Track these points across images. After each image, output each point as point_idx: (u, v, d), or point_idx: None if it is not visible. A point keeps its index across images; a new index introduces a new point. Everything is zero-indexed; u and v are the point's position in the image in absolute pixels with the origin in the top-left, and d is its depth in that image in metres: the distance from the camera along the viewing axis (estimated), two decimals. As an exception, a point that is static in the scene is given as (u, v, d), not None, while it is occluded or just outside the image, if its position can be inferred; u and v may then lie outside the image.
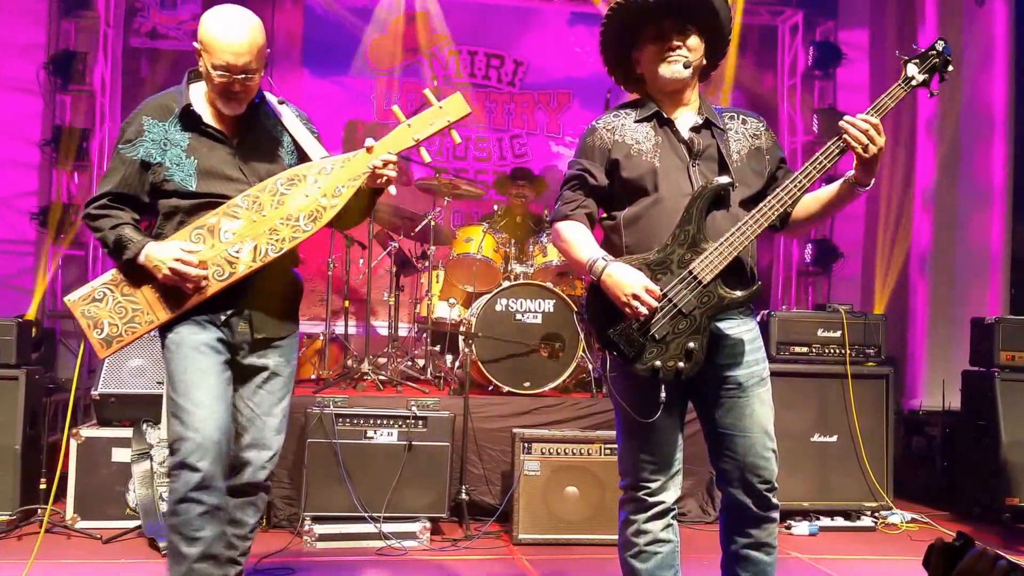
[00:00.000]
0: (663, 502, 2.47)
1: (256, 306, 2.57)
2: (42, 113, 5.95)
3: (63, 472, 4.10)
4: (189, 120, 2.53)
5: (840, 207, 2.50)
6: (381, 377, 4.90)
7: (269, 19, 6.76)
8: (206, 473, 2.41)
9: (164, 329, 2.53)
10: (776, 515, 2.50)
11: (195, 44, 2.50)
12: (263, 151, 2.61)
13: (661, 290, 2.29)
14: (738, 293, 2.32)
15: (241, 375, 2.60)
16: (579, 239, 2.44)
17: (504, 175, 6.39)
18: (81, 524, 4.02)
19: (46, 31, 6.04)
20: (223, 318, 2.53)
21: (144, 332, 2.49)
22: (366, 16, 6.98)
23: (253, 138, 2.61)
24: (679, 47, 2.41)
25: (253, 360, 2.60)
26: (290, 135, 2.66)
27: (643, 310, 2.26)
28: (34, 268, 5.90)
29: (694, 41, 2.43)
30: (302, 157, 2.65)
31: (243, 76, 2.45)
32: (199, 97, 2.56)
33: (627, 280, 2.28)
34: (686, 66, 2.40)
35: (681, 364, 2.29)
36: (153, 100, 2.61)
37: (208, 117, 2.55)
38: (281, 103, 2.70)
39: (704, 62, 2.51)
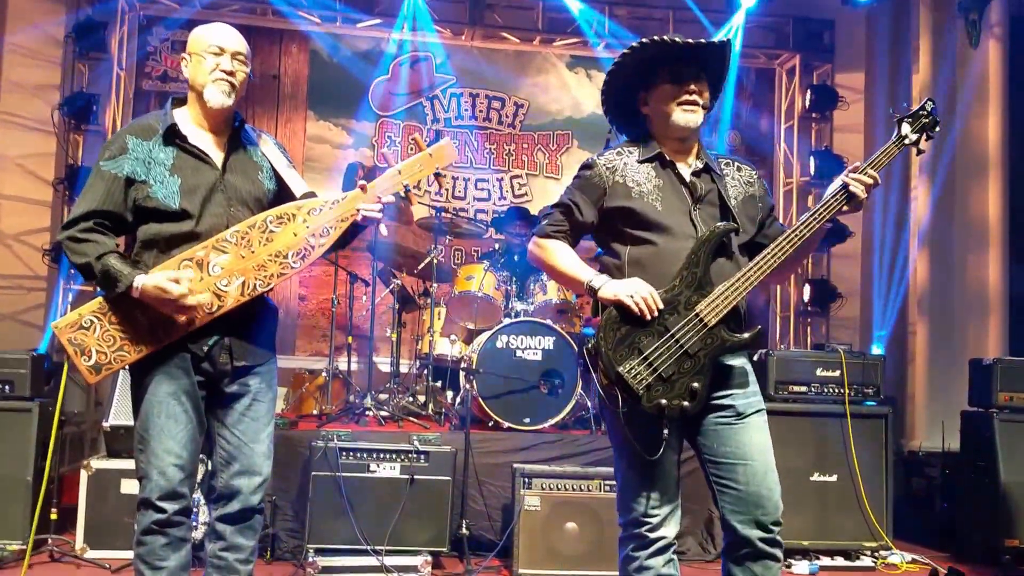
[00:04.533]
0: (664, 537, 2.52)
1: (235, 335, 2.66)
2: (56, 152, 6.20)
3: (72, 504, 4.30)
4: (173, 139, 2.63)
5: (812, 247, 2.65)
6: (383, 413, 5.09)
7: (276, 63, 7.11)
8: (171, 514, 2.56)
9: (140, 370, 2.60)
10: (780, 554, 2.52)
11: (182, 58, 2.70)
12: (245, 174, 2.72)
13: (668, 330, 2.41)
14: (742, 336, 2.45)
15: (224, 403, 2.69)
16: (570, 258, 2.61)
17: (503, 215, 6.65)
18: (90, 554, 4.19)
19: (61, 73, 6.32)
20: (205, 349, 2.61)
21: (132, 360, 2.55)
22: (371, 60, 7.30)
23: (235, 161, 2.71)
24: (695, 92, 2.54)
25: (235, 388, 2.69)
26: (269, 162, 2.78)
27: (648, 302, 2.38)
28: (46, 304, 6.11)
29: (705, 87, 2.57)
30: (280, 183, 2.78)
31: (233, 57, 2.65)
32: (183, 120, 2.68)
33: (628, 281, 2.43)
34: (701, 109, 2.56)
35: (686, 403, 2.39)
36: (136, 122, 2.71)
37: (192, 138, 2.66)
38: (259, 132, 2.86)
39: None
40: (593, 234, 2.71)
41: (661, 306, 2.41)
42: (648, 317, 2.40)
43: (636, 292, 2.41)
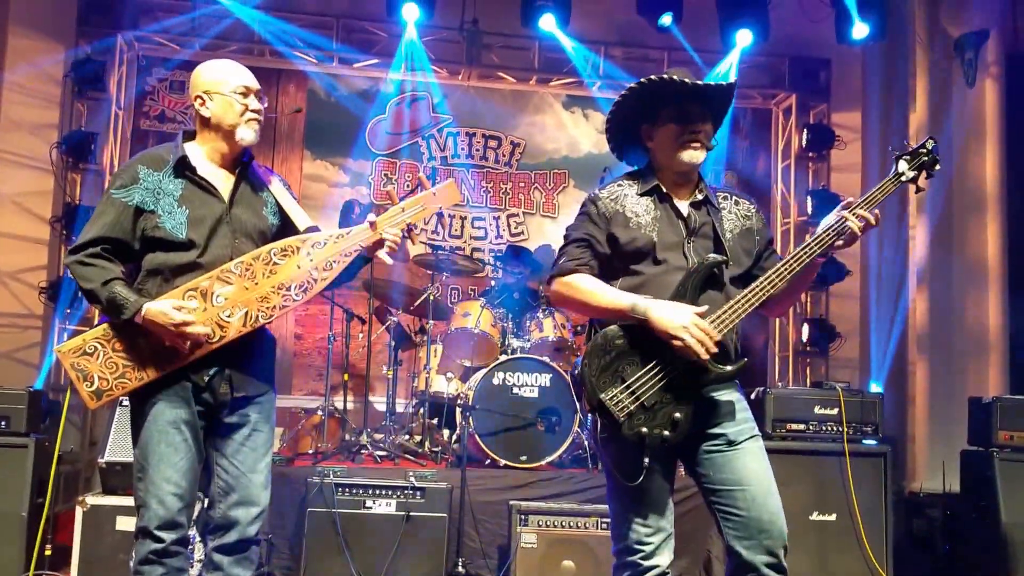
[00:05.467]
0: (658, 566, 2.59)
1: (235, 365, 2.76)
2: (53, 190, 6.34)
3: (64, 543, 4.39)
4: (183, 171, 2.77)
5: (807, 281, 2.72)
6: (379, 452, 5.19)
7: (273, 101, 7.31)
8: (168, 543, 2.66)
9: (141, 399, 2.70)
10: None
11: (197, 96, 2.82)
12: (251, 208, 2.85)
13: (653, 359, 2.48)
14: (727, 368, 2.52)
15: (223, 434, 2.78)
16: (605, 287, 2.61)
17: (500, 254, 6.82)
18: (85, 591, 4.28)
19: (59, 111, 6.49)
20: (206, 379, 2.72)
21: (134, 388, 2.64)
22: (368, 99, 7.50)
23: (242, 195, 2.84)
24: (700, 132, 2.63)
25: (234, 419, 2.78)
26: (275, 198, 2.91)
27: (697, 346, 2.43)
28: (41, 342, 6.21)
29: (710, 127, 2.67)
30: (284, 218, 2.91)
31: (257, 96, 2.82)
32: (193, 153, 2.81)
33: (678, 314, 2.46)
34: (705, 148, 2.64)
35: (667, 432, 2.47)
36: (148, 152, 2.85)
37: (201, 171, 2.79)
38: (266, 169, 3.00)
39: None
40: None
41: (710, 339, 2.45)
42: (706, 357, 2.46)
43: (689, 328, 2.44)
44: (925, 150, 2.65)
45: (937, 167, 2.66)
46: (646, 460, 2.47)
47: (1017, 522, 4.90)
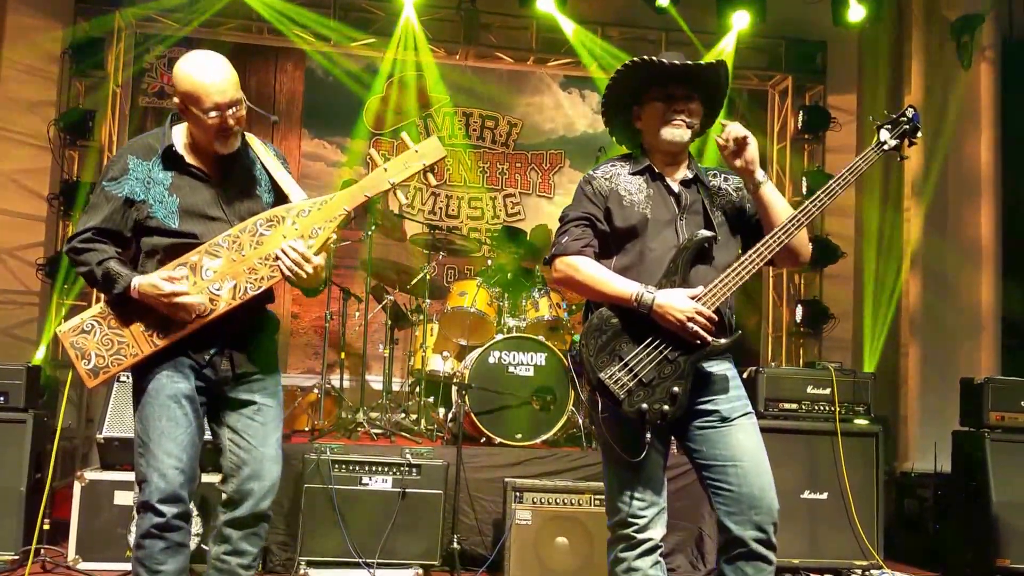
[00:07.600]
0: (651, 538, 2.64)
1: (235, 343, 2.77)
2: (51, 167, 6.35)
3: (61, 518, 4.40)
4: (171, 160, 2.73)
5: (767, 210, 2.65)
6: (375, 429, 5.19)
7: (271, 81, 7.28)
8: (169, 517, 2.64)
9: (141, 373, 2.70)
10: (773, 557, 2.56)
11: (175, 100, 2.72)
12: (243, 190, 2.81)
13: (648, 335, 2.54)
14: (721, 340, 2.55)
15: (230, 408, 2.80)
16: (608, 273, 2.65)
17: (496, 233, 6.81)
18: (83, 565, 4.26)
19: (57, 88, 6.48)
20: (207, 358, 2.72)
21: (129, 364, 2.65)
22: (365, 78, 7.49)
23: (234, 177, 2.80)
24: (683, 111, 2.68)
25: (239, 394, 2.79)
26: (269, 174, 2.85)
27: (702, 333, 2.50)
28: (38, 319, 6.24)
29: (696, 107, 2.70)
30: (279, 195, 2.84)
31: (233, 110, 2.70)
32: (181, 138, 2.76)
33: (682, 305, 2.51)
34: (689, 127, 2.68)
35: (666, 407, 2.51)
36: (137, 140, 2.82)
37: (190, 158, 2.75)
38: (258, 142, 2.93)
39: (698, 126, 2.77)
40: None
41: (710, 326, 2.52)
42: (709, 340, 2.52)
43: (689, 315, 2.50)
44: (906, 118, 2.68)
45: (919, 135, 2.69)
46: (648, 435, 2.52)
47: (1007, 502, 4.92)
